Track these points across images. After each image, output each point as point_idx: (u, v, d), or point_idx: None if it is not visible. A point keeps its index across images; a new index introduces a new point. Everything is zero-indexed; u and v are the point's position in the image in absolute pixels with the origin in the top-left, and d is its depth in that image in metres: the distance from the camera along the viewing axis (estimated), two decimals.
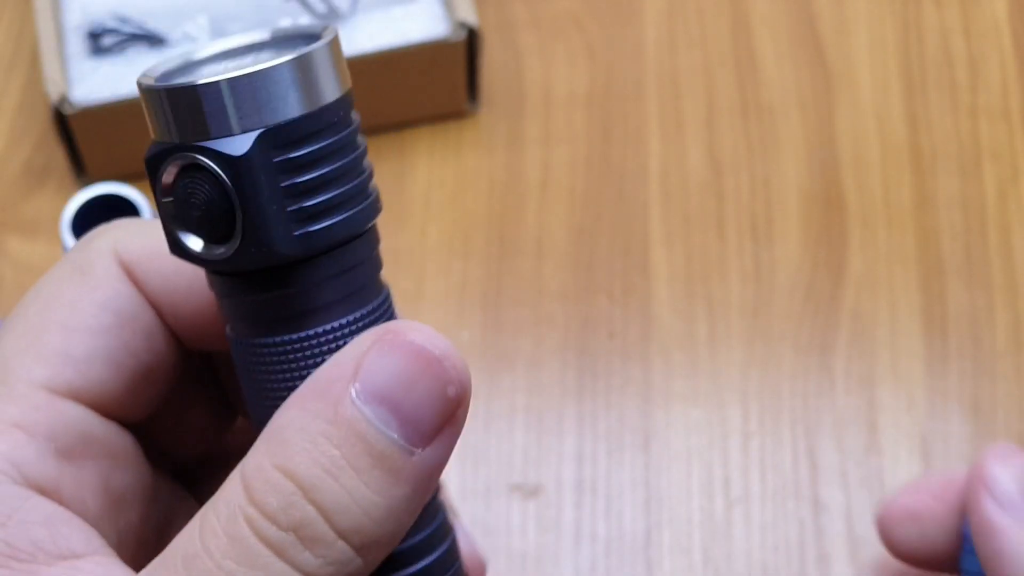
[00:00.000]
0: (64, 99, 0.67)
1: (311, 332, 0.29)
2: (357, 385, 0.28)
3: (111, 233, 0.33)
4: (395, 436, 0.28)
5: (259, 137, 0.28)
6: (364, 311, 0.30)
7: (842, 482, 0.65)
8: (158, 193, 0.29)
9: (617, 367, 0.68)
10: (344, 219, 0.30)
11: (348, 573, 0.28)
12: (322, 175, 0.30)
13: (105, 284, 0.32)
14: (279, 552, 0.27)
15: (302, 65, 0.29)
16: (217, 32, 0.72)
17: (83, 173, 0.72)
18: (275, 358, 0.30)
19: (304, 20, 0.71)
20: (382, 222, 0.79)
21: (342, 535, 0.28)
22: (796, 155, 0.73)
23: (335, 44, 0.30)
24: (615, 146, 0.74)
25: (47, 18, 0.70)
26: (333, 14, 0.69)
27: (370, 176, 0.31)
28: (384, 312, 0.31)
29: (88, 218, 0.59)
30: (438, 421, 0.28)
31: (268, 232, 0.28)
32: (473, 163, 0.73)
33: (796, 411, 0.67)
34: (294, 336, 0.29)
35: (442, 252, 0.71)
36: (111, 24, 0.71)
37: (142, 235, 0.33)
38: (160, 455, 0.34)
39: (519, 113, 0.75)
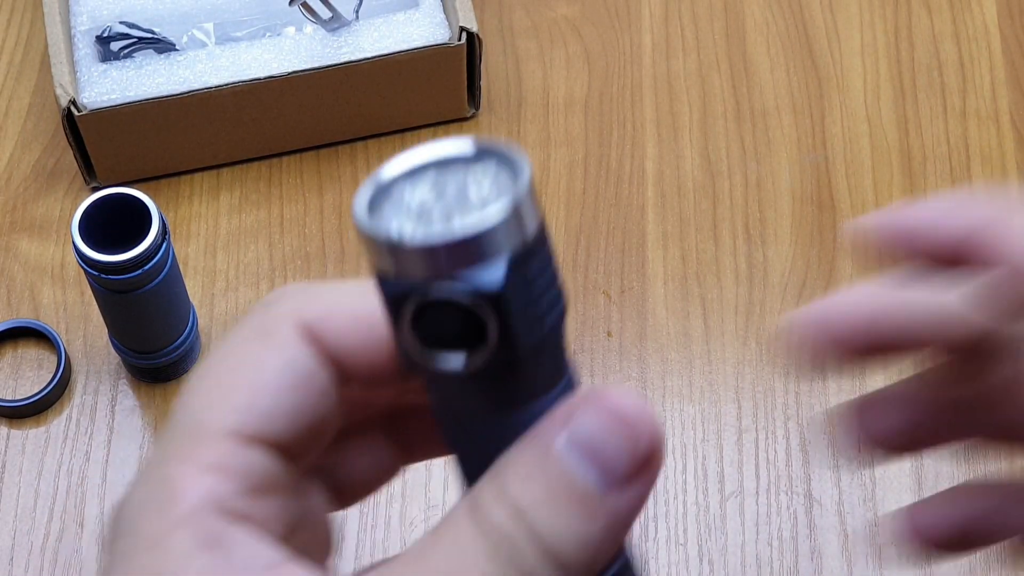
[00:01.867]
0: (73, 103, 0.68)
1: (536, 404, 0.34)
2: (565, 434, 0.33)
3: (291, 298, 0.37)
4: (592, 479, 0.33)
5: (509, 265, 0.32)
6: (568, 376, 0.34)
7: (834, 477, 0.65)
8: (403, 323, 0.32)
9: (614, 364, 0.68)
10: (562, 306, 0.33)
11: None
12: (545, 277, 0.33)
13: (286, 347, 0.36)
14: (493, 551, 0.32)
15: (530, 194, 0.32)
16: (223, 38, 0.73)
17: (92, 175, 0.72)
18: (500, 432, 0.34)
19: (309, 27, 0.72)
20: None
21: (545, 552, 0.32)
22: (789, 158, 0.74)
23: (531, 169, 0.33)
24: (612, 149, 0.74)
25: (56, 23, 0.70)
26: (337, 20, 0.70)
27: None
28: (573, 370, 0.35)
29: (98, 220, 0.60)
30: (631, 470, 0.33)
31: (518, 338, 0.32)
32: None
33: (789, 407, 0.67)
34: (523, 413, 0.34)
35: None
36: (119, 29, 0.72)
37: (319, 298, 0.37)
38: (337, 491, 0.39)
39: (518, 117, 0.75)
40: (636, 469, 0.33)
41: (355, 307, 0.36)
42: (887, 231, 0.40)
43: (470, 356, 0.32)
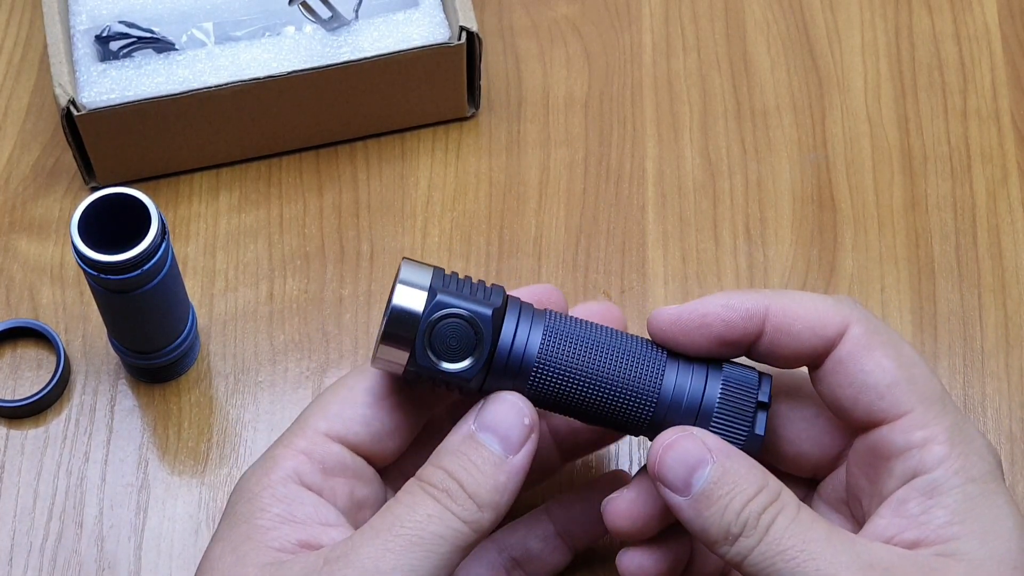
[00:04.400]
0: (72, 102, 0.68)
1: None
2: (476, 423, 0.51)
3: None
4: (497, 447, 0.50)
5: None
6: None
7: None
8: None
9: None
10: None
11: (477, 520, 0.49)
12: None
13: (371, 377, 0.54)
14: (436, 499, 0.49)
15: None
16: (222, 37, 0.73)
17: (91, 175, 0.72)
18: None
19: (309, 27, 0.72)
20: (385, 222, 0.80)
21: (470, 497, 0.49)
22: (789, 157, 0.74)
23: None
24: (613, 148, 0.74)
25: (55, 23, 0.71)
26: (337, 20, 0.70)
27: None
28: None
29: (97, 220, 0.60)
30: (520, 439, 0.50)
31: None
32: (474, 165, 0.74)
33: None
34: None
35: (443, 252, 0.72)
36: (119, 29, 0.72)
37: None
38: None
39: (519, 116, 0.75)
40: (524, 439, 0.50)
41: None
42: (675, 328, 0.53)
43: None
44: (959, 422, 0.51)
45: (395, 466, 0.56)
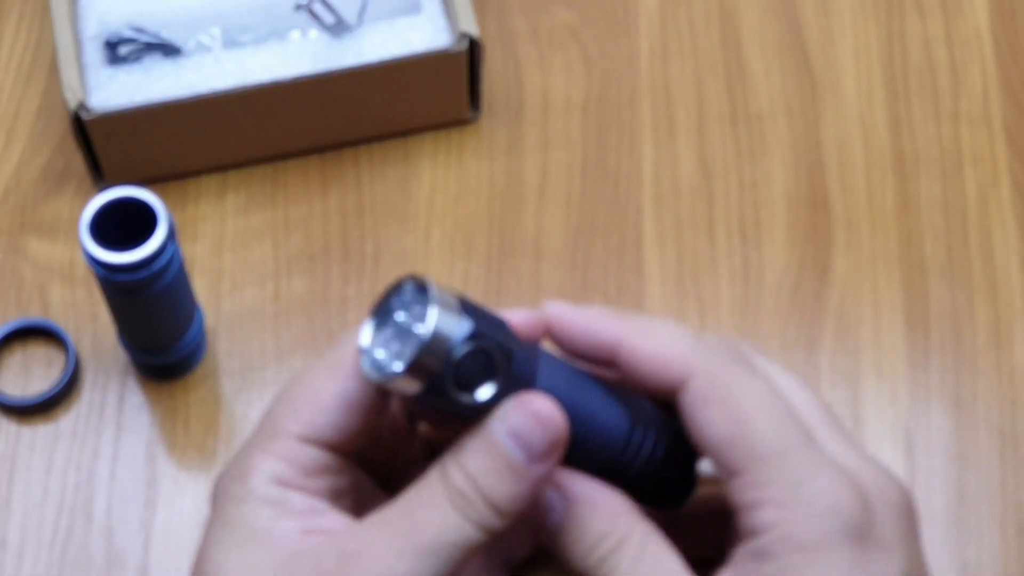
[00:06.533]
0: (82, 106, 0.68)
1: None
2: (503, 427, 0.47)
3: (355, 343, 0.50)
4: (520, 456, 0.47)
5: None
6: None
7: None
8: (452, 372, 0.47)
9: None
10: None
11: (492, 525, 0.47)
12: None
13: (343, 379, 0.50)
14: (455, 505, 0.47)
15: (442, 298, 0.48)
16: (229, 42, 0.74)
17: (101, 177, 0.73)
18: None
19: (313, 32, 0.73)
20: (389, 224, 0.81)
21: (488, 505, 0.47)
22: (783, 160, 0.74)
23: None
24: (610, 151, 0.75)
25: (65, 28, 0.71)
26: (341, 26, 0.71)
27: None
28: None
29: (107, 221, 0.60)
30: (544, 451, 0.47)
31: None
32: (475, 168, 0.75)
33: None
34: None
35: (445, 253, 0.72)
36: (127, 34, 0.72)
37: None
38: (371, 469, 0.54)
39: (519, 120, 0.76)
40: (548, 450, 0.47)
41: None
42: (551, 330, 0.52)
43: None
44: (801, 479, 0.48)
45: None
